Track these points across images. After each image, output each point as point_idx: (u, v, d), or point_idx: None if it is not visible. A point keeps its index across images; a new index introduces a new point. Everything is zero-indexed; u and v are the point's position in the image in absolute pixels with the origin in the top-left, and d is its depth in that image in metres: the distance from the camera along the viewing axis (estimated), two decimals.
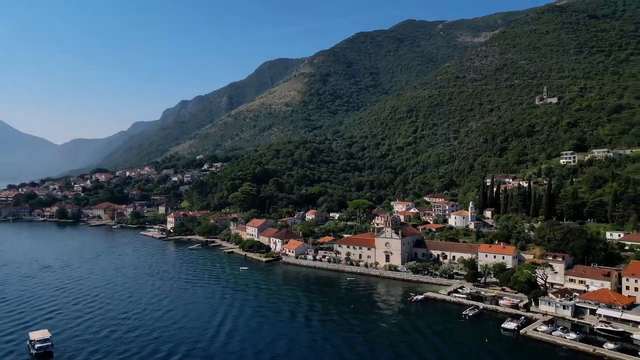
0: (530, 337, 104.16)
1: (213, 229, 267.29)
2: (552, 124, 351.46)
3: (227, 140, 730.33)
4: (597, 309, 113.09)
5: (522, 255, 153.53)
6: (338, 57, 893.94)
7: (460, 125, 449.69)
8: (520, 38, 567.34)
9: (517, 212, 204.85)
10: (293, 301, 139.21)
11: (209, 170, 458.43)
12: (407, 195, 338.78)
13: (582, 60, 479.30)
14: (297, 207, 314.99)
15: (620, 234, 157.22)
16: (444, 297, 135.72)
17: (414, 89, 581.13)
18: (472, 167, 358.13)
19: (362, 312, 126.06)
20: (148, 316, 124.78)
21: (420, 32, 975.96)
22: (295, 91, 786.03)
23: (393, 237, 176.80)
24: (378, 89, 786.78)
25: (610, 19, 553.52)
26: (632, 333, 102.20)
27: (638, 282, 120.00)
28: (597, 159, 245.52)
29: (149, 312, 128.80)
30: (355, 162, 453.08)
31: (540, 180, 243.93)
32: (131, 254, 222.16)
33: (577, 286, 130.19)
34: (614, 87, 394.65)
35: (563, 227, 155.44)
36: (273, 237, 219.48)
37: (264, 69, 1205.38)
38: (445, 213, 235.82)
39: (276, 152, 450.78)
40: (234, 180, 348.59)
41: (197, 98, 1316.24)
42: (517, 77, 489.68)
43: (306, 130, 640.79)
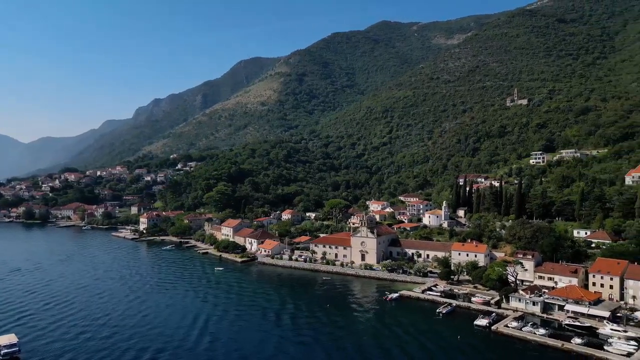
0: (501, 333, 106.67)
1: (187, 229, 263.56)
2: (523, 125, 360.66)
3: (201, 140, 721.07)
4: (565, 305, 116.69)
5: (493, 253, 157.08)
6: (314, 56, 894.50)
7: (434, 126, 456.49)
8: (492, 41, 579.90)
9: (489, 211, 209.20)
10: (269, 302, 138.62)
11: (183, 169, 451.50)
12: (382, 194, 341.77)
13: (551, 63, 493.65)
14: (273, 207, 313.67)
15: (587, 232, 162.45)
16: (418, 295, 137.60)
17: (389, 90, 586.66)
18: (446, 167, 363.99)
19: (338, 312, 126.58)
20: (123, 319, 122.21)
21: (395, 34, 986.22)
22: (271, 90, 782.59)
23: (369, 236, 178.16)
24: (354, 89, 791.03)
25: (578, 24, 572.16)
26: (598, 328, 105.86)
27: (604, 278, 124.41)
28: (565, 160, 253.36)
29: (123, 315, 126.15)
30: (331, 162, 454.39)
31: (511, 180, 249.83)
32: (103, 256, 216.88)
33: (546, 283, 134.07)
34: (581, 89, 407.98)
35: (533, 225, 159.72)
36: (249, 237, 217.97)
37: (240, 68, 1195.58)
38: (419, 212, 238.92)
39: (252, 151, 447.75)
40: (209, 180, 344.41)
41: (170, 96, 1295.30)
42: (489, 79, 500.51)
43: (282, 130, 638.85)
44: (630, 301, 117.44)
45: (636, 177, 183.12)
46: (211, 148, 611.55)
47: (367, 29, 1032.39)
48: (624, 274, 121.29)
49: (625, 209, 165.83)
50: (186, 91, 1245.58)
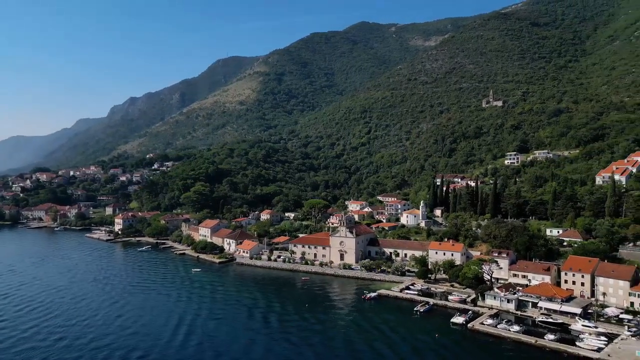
0: (477, 330, 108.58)
1: (164, 230, 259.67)
2: (498, 126, 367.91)
3: (178, 139, 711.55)
4: (539, 302, 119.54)
5: (470, 252, 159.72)
6: (293, 56, 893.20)
7: (412, 127, 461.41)
8: (468, 43, 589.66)
9: (465, 210, 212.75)
10: (248, 302, 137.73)
11: (160, 169, 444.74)
12: (361, 194, 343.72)
13: (525, 66, 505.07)
14: (252, 207, 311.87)
15: (559, 231, 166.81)
16: (396, 294, 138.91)
17: (368, 90, 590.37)
18: (423, 167, 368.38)
19: (317, 311, 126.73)
20: (101, 323, 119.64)
21: (373, 35, 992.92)
22: (250, 90, 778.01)
23: (347, 236, 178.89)
24: (333, 90, 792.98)
25: (551, 27, 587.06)
26: (570, 324, 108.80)
27: (575, 276, 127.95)
28: (538, 160, 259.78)
29: (101, 318, 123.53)
30: (310, 162, 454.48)
31: (487, 180, 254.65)
32: (78, 258, 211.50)
33: (520, 281, 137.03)
34: (554, 91, 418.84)
35: (507, 224, 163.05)
36: (227, 237, 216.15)
37: (218, 67, 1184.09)
38: (397, 212, 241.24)
39: (230, 151, 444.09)
40: (186, 180, 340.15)
41: (147, 95, 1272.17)
42: (465, 80, 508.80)
43: (261, 130, 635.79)
44: (600, 298, 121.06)
45: (606, 178, 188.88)
46: (189, 147, 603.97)
47: (346, 30, 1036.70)
48: (594, 272, 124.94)
49: (595, 208, 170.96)
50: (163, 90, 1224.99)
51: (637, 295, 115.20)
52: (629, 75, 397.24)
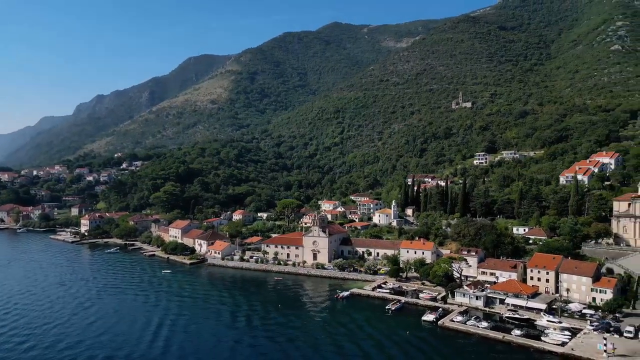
0: (447, 327, 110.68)
1: (133, 231, 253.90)
2: (467, 127, 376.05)
3: (148, 138, 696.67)
4: (506, 299, 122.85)
5: (440, 251, 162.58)
6: (266, 55, 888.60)
7: (384, 127, 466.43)
8: (439, 45, 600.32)
9: (435, 209, 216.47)
10: (220, 303, 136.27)
11: (128, 169, 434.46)
12: (334, 194, 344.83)
13: (492, 68, 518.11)
14: (224, 208, 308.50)
15: (525, 229, 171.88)
16: (369, 292, 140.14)
17: (341, 91, 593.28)
18: (395, 167, 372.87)
19: (290, 311, 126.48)
20: (69, 327, 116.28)
21: (346, 35, 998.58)
22: (222, 88, 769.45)
23: (320, 235, 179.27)
24: (306, 89, 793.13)
25: (517, 31, 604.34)
26: (536, 319, 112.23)
27: (540, 273, 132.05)
28: (506, 160, 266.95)
29: (69, 322, 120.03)
30: (283, 162, 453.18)
31: (456, 179, 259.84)
32: (43, 260, 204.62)
33: (489, 278, 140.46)
34: (520, 94, 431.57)
35: (476, 223, 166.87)
36: (198, 238, 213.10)
37: (189, 65, 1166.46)
38: (370, 211, 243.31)
39: (201, 150, 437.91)
40: (156, 180, 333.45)
41: (115, 93, 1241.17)
42: (435, 82, 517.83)
43: (233, 129, 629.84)
44: (564, 294, 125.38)
45: (569, 177, 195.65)
46: (158, 147, 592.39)
47: (318, 30, 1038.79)
48: (558, 268, 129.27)
49: (559, 207, 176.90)
50: (132, 87, 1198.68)
51: (599, 291, 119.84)
52: (591, 78, 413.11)
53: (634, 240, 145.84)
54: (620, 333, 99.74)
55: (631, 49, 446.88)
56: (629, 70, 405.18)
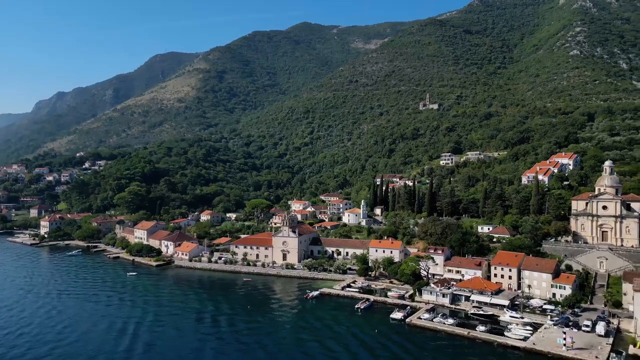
0: (415, 325, 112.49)
1: (96, 233, 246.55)
2: (434, 128, 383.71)
3: (112, 137, 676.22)
4: (471, 296, 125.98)
5: (408, 249, 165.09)
6: (234, 54, 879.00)
7: (354, 128, 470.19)
8: (407, 47, 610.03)
9: (403, 209, 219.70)
10: (188, 306, 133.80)
11: (91, 168, 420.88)
12: (304, 194, 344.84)
13: (458, 71, 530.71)
14: (192, 208, 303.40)
15: (490, 228, 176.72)
16: (338, 292, 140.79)
17: (310, 91, 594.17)
18: (364, 167, 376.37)
19: (260, 312, 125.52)
20: (34, 332, 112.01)
21: (315, 35, 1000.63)
22: (189, 87, 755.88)
23: (290, 235, 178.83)
24: (275, 89, 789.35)
25: (482, 35, 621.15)
26: (499, 315, 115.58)
27: (504, 270, 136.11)
28: (471, 161, 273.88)
29: (33, 328, 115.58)
30: (252, 162, 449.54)
31: (424, 179, 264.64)
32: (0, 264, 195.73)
33: (455, 276, 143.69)
34: (485, 96, 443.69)
35: (442, 222, 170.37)
36: (164, 239, 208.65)
37: (155, 62, 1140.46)
38: (339, 211, 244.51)
39: (168, 150, 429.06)
40: (121, 180, 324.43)
41: (77, 90, 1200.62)
42: (403, 83, 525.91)
43: (201, 128, 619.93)
44: (526, 290, 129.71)
45: (531, 177, 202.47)
46: (123, 146, 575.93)
47: (288, 29, 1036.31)
48: (520, 266, 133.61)
49: (521, 206, 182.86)
50: (95, 85, 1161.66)
51: (558, 287, 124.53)
52: (551, 82, 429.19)
53: (592, 238, 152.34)
54: (578, 327, 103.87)
55: (589, 54, 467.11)
56: (586, 74, 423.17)
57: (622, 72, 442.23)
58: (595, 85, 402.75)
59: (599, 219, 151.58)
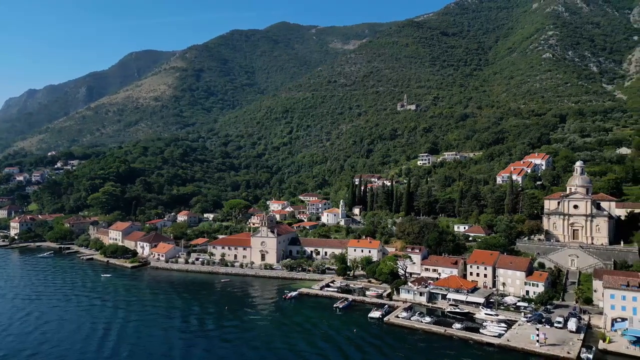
0: (392, 323, 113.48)
1: (68, 234, 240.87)
2: (411, 129, 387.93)
3: (85, 136, 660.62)
4: (448, 294, 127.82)
5: (386, 249, 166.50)
6: (212, 53, 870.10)
7: (332, 128, 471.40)
8: (385, 48, 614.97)
9: (381, 208, 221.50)
10: (164, 307, 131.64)
11: (64, 168, 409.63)
12: (282, 194, 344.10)
13: (435, 73, 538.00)
14: (168, 209, 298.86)
15: (465, 227, 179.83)
16: (317, 292, 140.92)
17: (289, 91, 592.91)
18: (343, 168, 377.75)
19: (238, 313, 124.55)
20: (11, 337, 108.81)
21: (294, 35, 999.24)
22: (166, 85, 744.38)
23: (269, 236, 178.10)
24: (254, 88, 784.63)
25: (458, 37, 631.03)
26: (475, 313, 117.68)
27: (479, 268, 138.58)
28: (447, 161, 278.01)
29: (11, 332, 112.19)
30: (231, 162, 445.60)
31: (401, 179, 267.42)
32: None
33: (432, 274, 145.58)
34: (461, 97, 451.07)
35: (420, 221, 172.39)
36: (140, 240, 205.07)
37: (130, 60, 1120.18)
38: (318, 211, 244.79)
39: (144, 149, 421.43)
40: (95, 180, 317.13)
41: (48, 87, 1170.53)
42: (382, 84, 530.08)
43: (178, 127, 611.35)
44: (500, 288, 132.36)
45: (505, 177, 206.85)
46: (97, 145, 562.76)
47: (266, 29, 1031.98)
48: (495, 264, 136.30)
49: (496, 206, 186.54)
50: (68, 82, 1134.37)
51: (532, 284, 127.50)
52: (524, 84, 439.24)
53: (563, 237, 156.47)
54: (551, 323, 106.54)
55: (561, 57, 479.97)
56: (558, 77, 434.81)
57: (593, 75, 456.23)
58: (567, 87, 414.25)
59: (570, 217, 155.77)
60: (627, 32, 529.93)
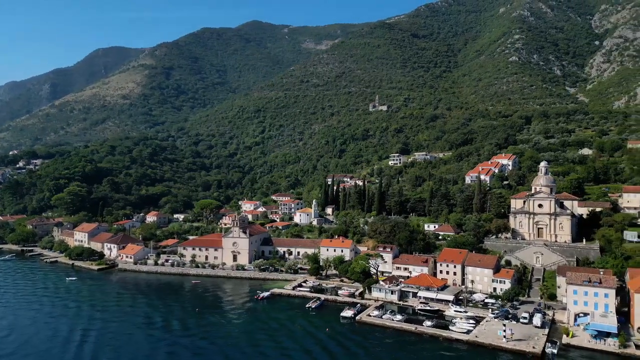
0: (364, 322, 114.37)
1: (31, 236, 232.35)
2: (383, 129, 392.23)
3: (49, 134, 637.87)
4: (418, 292, 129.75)
5: (358, 248, 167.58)
6: (182, 50, 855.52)
7: (305, 128, 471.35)
8: (357, 49, 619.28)
9: (354, 208, 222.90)
10: (133, 311, 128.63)
11: (26, 168, 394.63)
12: (255, 194, 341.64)
13: (406, 74, 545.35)
14: (137, 209, 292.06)
15: (435, 226, 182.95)
16: (289, 292, 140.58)
17: (261, 90, 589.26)
18: (316, 167, 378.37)
19: (209, 315, 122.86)
20: None
21: (266, 34, 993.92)
22: (134, 83, 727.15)
23: (241, 236, 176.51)
24: (225, 87, 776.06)
25: (428, 40, 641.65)
26: (445, 310, 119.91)
27: (449, 266, 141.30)
28: (418, 161, 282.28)
29: None
30: (202, 161, 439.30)
31: (373, 179, 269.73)
32: None
33: (403, 273, 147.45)
34: (431, 99, 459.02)
35: (391, 221, 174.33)
36: (107, 242, 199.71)
37: (97, 56, 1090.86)
38: (291, 211, 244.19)
39: (111, 148, 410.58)
40: (59, 180, 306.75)
41: (10, 84, 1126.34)
42: (354, 84, 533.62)
43: (147, 126, 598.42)
44: (469, 285, 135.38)
45: (473, 177, 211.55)
46: (62, 144, 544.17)
47: (238, 27, 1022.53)
48: (464, 262, 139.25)
49: (465, 205, 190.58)
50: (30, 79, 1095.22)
51: (499, 281, 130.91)
52: (492, 86, 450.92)
53: (529, 235, 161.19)
54: (517, 319, 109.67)
55: (526, 61, 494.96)
56: (524, 80, 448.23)
57: (556, 78, 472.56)
58: (532, 90, 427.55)
59: (535, 216, 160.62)
60: (589, 37, 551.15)
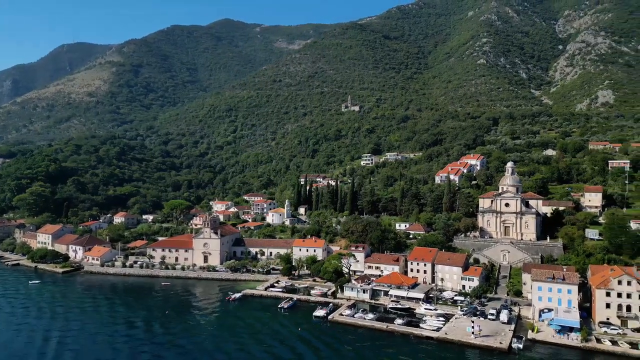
0: (337, 321, 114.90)
1: None
2: (355, 130, 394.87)
3: (11, 133, 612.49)
4: (390, 290, 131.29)
5: (330, 247, 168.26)
6: (151, 48, 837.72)
7: (278, 127, 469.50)
8: (329, 49, 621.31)
9: (326, 208, 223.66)
10: (99, 314, 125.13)
11: None
12: (226, 194, 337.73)
13: (378, 75, 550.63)
14: (104, 210, 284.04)
15: (406, 225, 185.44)
16: (261, 292, 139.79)
17: (233, 89, 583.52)
18: (288, 167, 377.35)
19: (179, 317, 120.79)
20: None
21: (238, 33, 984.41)
22: (101, 80, 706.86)
23: (212, 237, 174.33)
24: (196, 85, 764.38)
25: (399, 41, 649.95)
26: (415, 308, 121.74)
27: (419, 265, 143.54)
28: (389, 161, 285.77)
29: None
30: (171, 161, 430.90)
31: (346, 179, 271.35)
32: None
33: (374, 272, 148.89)
34: (402, 100, 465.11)
35: (363, 220, 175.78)
36: (72, 244, 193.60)
37: (61, 52, 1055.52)
38: (263, 211, 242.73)
39: (77, 147, 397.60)
40: (21, 180, 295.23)
41: None
42: (326, 85, 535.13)
43: (114, 125, 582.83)
44: (439, 283, 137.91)
45: (443, 177, 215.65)
46: (24, 142, 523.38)
47: (209, 25, 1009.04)
48: (434, 260, 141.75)
49: (435, 204, 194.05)
50: None
51: (467, 279, 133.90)
52: (461, 88, 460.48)
53: (496, 233, 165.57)
54: (485, 316, 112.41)
55: (494, 64, 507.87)
56: (492, 82, 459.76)
57: (522, 81, 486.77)
58: (499, 92, 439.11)
59: (502, 215, 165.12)
60: (553, 41, 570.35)
